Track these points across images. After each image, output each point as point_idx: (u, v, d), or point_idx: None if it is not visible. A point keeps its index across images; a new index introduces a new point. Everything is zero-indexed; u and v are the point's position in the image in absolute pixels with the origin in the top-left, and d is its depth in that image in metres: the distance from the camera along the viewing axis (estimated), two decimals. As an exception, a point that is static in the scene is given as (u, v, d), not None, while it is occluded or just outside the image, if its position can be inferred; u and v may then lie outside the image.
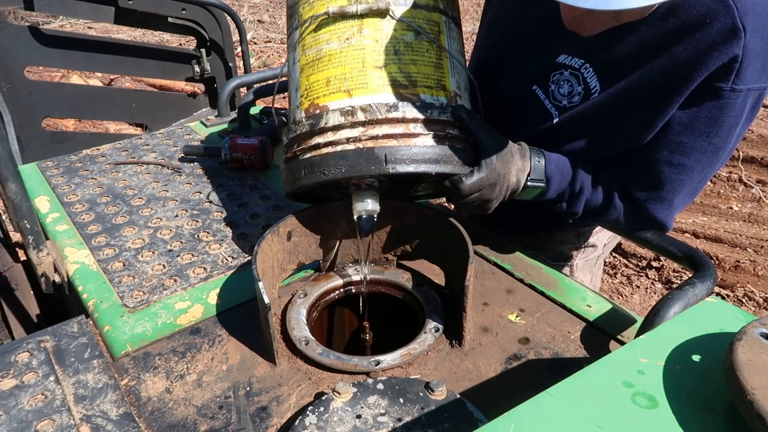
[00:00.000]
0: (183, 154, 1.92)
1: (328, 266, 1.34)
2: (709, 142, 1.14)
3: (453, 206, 1.22)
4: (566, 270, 1.64)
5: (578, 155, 1.26)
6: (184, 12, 3.15)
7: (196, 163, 1.89)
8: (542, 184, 1.21)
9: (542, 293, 1.27)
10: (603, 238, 1.65)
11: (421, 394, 0.97)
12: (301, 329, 1.15)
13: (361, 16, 1.15)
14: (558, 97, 1.26)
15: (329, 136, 1.13)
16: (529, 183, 1.20)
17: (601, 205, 1.27)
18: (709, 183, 4.44)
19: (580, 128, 1.25)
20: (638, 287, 3.51)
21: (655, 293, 3.45)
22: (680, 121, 1.13)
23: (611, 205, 1.26)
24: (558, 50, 1.25)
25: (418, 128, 1.11)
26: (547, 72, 1.27)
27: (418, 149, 1.10)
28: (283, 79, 1.33)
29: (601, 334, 1.16)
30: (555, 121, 1.26)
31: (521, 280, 1.32)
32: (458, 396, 0.97)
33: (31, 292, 1.58)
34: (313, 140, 1.15)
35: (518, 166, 1.18)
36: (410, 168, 1.09)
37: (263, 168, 1.83)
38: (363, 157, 1.09)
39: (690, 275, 1.14)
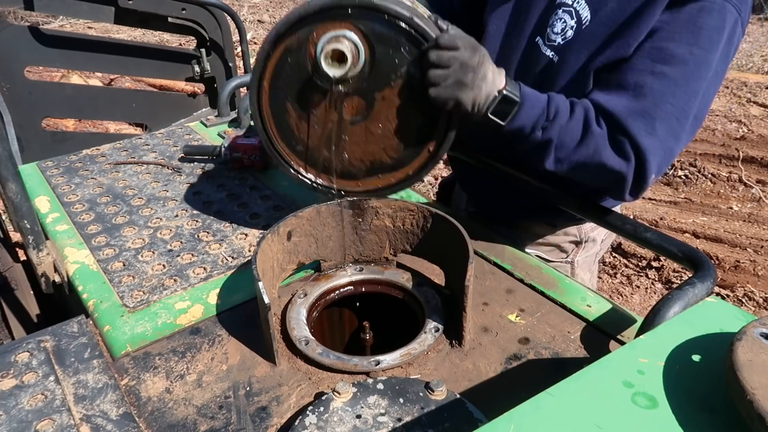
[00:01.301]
0: (183, 154, 1.92)
1: (328, 266, 1.34)
2: (690, 52, 1.17)
3: (429, 84, 1.18)
4: (567, 268, 1.64)
5: (579, 93, 1.28)
6: (184, 12, 3.15)
7: (196, 163, 1.89)
8: (517, 99, 1.20)
9: (542, 293, 1.27)
10: (601, 233, 1.65)
11: (421, 394, 0.97)
12: (301, 329, 1.15)
13: None
14: (553, 38, 1.30)
15: None
16: (505, 92, 1.19)
17: (578, 135, 1.23)
18: (709, 183, 4.44)
19: (577, 60, 1.28)
20: (638, 287, 3.51)
21: (655, 293, 3.45)
22: (662, 25, 1.19)
23: (588, 132, 1.22)
24: None
25: None
26: (546, 18, 1.32)
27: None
28: None
29: (601, 334, 1.16)
30: (556, 60, 1.30)
31: (521, 280, 1.32)
32: (458, 396, 0.97)
33: (31, 292, 1.58)
34: None
35: (494, 69, 1.20)
36: (390, 3, 1.13)
37: (263, 168, 1.83)
38: None
39: (690, 275, 1.14)
